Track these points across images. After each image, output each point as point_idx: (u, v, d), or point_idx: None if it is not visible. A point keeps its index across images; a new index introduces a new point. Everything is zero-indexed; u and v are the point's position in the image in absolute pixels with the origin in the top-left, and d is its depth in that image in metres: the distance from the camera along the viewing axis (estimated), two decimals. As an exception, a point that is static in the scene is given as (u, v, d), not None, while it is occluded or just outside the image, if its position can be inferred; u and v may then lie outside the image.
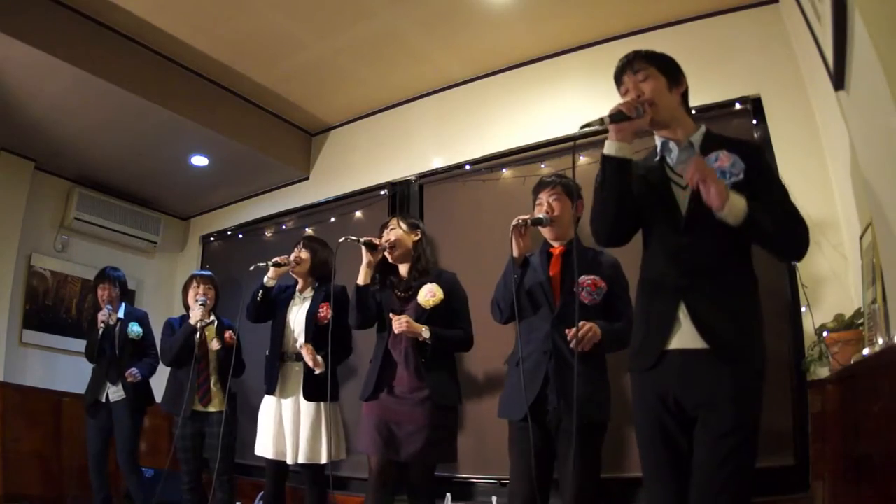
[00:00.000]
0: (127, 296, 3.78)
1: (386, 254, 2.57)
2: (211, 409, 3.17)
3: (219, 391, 3.20)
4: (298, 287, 3.02)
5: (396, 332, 2.39)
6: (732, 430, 1.40)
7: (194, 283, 3.35)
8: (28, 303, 4.18)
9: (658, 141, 1.67)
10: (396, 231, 2.58)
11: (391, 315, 2.42)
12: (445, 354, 2.51)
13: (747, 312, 1.52)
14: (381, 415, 2.40)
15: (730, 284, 1.50)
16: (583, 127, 1.51)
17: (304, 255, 2.97)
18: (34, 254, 4.26)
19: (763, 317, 1.55)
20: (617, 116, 1.51)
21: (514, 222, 2.13)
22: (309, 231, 4.18)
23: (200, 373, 3.20)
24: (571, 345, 1.98)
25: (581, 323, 1.99)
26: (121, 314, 3.65)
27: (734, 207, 1.42)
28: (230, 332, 3.24)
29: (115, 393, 3.46)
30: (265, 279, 2.91)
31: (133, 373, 3.41)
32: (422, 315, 2.45)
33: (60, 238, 4.46)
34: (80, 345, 4.26)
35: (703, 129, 1.64)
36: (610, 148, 1.56)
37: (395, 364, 2.47)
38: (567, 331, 2.01)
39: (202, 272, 3.47)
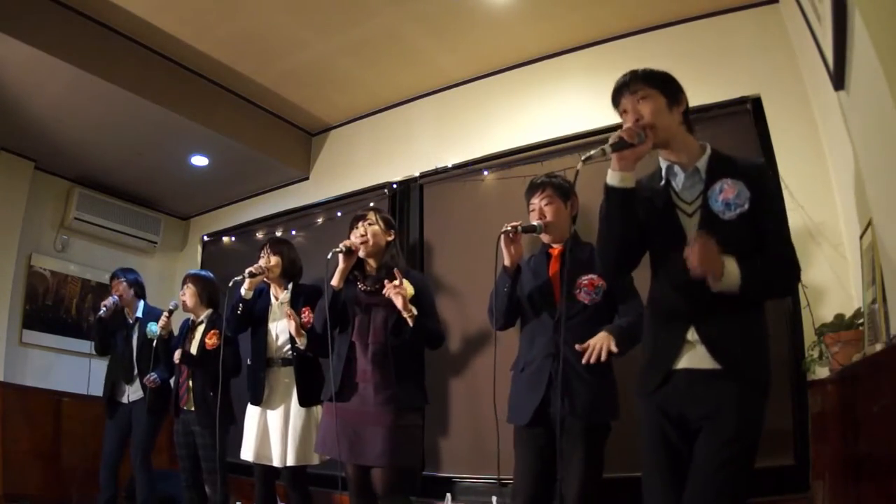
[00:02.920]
0: (142, 295, 3.74)
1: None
2: (193, 408, 3.14)
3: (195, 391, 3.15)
4: (273, 293, 2.98)
5: (391, 294, 2.28)
6: (733, 438, 1.41)
7: (184, 284, 3.36)
8: (28, 303, 4.18)
9: (663, 165, 1.64)
10: (374, 227, 2.51)
11: (385, 282, 2.34)
12: (413, 355, 2.45)
13: (756, 332, 1.52)
14: (344, 416, 2.33)
15: (738, 306, 1.49)
16: (585, 160, 1.48)
17: (274, 259, 2.93)
18: (34, 254, 4.26)
19: (770, 334, 1.55)
20: (618, 145, 1.48)
21: (504, 229, 2.09)
22: (279, 232, 4.18)
23: (181, 373, 3.21)
24: (584, 360, 1.97)
25: (593, 340, 1.97)
26: (139, 314, 3.64)
27: (728, 284, 1.44)
28: (215, 332, 3.15)
29: (133, 392, 3.49)
30: (242, 291, 2.86)
31: (152, 378, 3.35)
32: (394, 309, 2.37)
33: (60, 238, 4.46)
34: (79, 345, 4.29)
35: (708, 151, 1.60)
36: (613, 178, 1.53)
37: (358, 361, 2.39)
38: (578, 346, 1.98)
39: (191, 272, 3.45)
